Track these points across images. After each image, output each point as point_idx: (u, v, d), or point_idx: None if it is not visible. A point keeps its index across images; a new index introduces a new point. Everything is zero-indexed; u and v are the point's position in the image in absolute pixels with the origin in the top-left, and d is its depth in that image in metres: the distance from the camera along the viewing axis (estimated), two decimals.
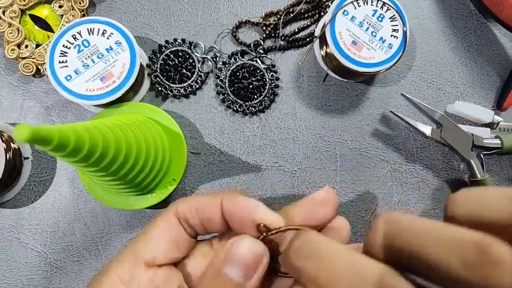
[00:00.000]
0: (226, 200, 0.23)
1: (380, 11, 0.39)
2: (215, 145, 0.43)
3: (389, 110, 0.44)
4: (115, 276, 0.22)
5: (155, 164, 0.36)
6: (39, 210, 0.42)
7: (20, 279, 0.41)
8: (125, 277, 0.22)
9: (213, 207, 0.23)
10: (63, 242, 0.41)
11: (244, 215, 0.22)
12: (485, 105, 0.45)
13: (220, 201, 0.23)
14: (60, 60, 0.38)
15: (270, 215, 0.22)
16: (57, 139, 0.23)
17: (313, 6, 0.44)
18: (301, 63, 0.44)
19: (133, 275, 0.22)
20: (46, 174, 0.42)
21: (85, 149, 0.26)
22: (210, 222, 0.23)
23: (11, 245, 0.41)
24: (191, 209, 0.23)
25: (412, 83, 0.45)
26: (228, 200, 0.23)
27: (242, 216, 0.22)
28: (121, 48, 0.39)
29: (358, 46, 0.39)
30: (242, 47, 0.44)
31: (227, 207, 0.22)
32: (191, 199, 0.24)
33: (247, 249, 0.21)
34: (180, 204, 0.24)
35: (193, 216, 0.23)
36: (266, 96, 0.43)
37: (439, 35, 0.45)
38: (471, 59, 0.45)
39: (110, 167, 0.30)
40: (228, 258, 0.21)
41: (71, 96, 0.38)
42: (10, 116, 0.42)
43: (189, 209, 0.23)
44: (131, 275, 0.22)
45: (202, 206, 0.23)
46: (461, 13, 0.46)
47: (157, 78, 0.42)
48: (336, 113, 0.44)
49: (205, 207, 0.23)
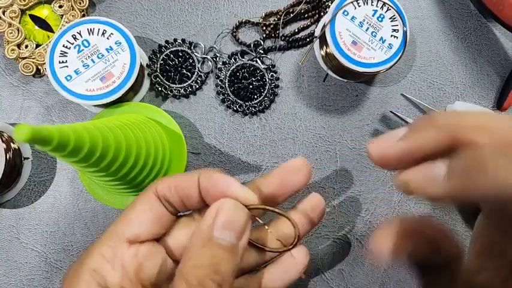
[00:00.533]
0: (202, 177, 0.23)
1: (380, 11, 0.39)
2: (215, 145, 0.43)
3: (389, 110, 0.44)
4: (98, 255, 0.23)
5: (155, 164, 0.36)
6: (39, 211, 0.42)
7: (20, 279, 0.41)
8: (108, 255, 0.23)
9: (190, 184, 0.23)
10: (63, 242, 0.41)
11: (218, 191, 0.22)
12: (485, 106, 0.45)
13: (197, 178, 0.23)
14: (60, 60, 0.38)
15: (243, 191, 0.22)
16: (57, 139, 0.23)
17: (313, 6, 0.44)
18: (301, 63, 0.44)
19: (116, 253, 0.23)
20: (46, 174, 0.42)
21: (85, 149, 0.26)
22: (189, 198, 0.24)
23: (11, 245, 0.41)
24: (170, 187, 0.24)
25: (412, 83, 0.45)
26: (204, 177, 0.23)
27: (217, 192, 0.22)
28: (121, 48, 0.39)
29: (358, 46, 0.39)
30: (242, 47, 0.44)
31: (203, 183, 0.23)
32: (169, 178, 0.24)
33: (235, 209, 0.22)
34: (159, 183, 0.24)
35: (172, 194, 0.24)
36: (266, 96, 0.43)
37: (439, 35, 0.45)
38: (471, 59, 0.45)
39: (110, 167, 0.30)
40: (218, 222, 0.21)
41: (71, 96, 0.38)
42: (10, 116, 0.42)
43: (168, 187, 0.24)
44: (114, 252, 0.23)
45: (181, 183, 0.24)
46: (461, 13, 0.46)
47: (157, 78, 0.42)
48: (336, 113, 0.44)
49: (183, 184, 0.24)
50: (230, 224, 0.21)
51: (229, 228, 0.21)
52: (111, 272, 0.22)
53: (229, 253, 0.21)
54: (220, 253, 0.21)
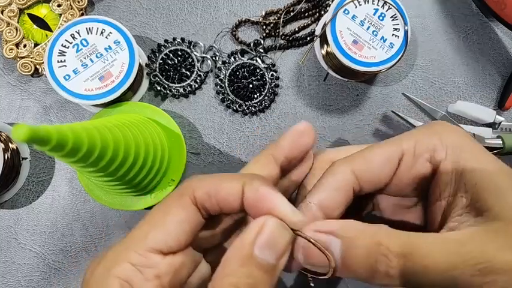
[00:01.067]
0: (248, 188, 0.21)
1: (381, 9, 0.39)
2: (215, 145, 0.43)
3: (390, 110, 0.44)
4: (127, 263, 0.21)
5: (154, 164, 0.35)
6: (38, 211, 0.41)
7: (18, 280, 0.41)
8: (139, 264, 0.21)
9: (234, 193, 0.22)
10: (62, 243, 0.41)
11: (265, 208, 0.21)
12: (487, 105, 0.45)
13: (241, 187, 0.22)
14: (59, 59, 0.38)
15: (292, 213, 0.21)
16: (55, 139, 0.22)
17: (313, 5, 0.44)
18: (301, 63, 0.44)
19: (148, 262, 0.21)
20: (44, 174, 0.42)
21: (83, 149, 0.26)
22: (228, 207, 0.22)
23: (9, 245, 0.41)
24: (210, 195, 0.22)
25: (413, 83, 0.44)
26: (250, 189, 0.21)
27: (263, 208, 0.21)
28: (120, 47, 0.38)
29: (359, 45, 0.39)
30: (242, 46, 0.43)
31: (248, 195, 0.21)
32: (209, 182, 0.22)
33: (279, 229, 0.21)
34: (198, 188, 0.22)
35: (212, 203, 0.22)
36: (266, 95, 0.43)
37: (440, 34, 0.45)
38: (473, 58, 0.45)
39: (108, 167, 0.30)
40: (261, 240, 0.20)
41: (69, 96, 0.38)
42: (8, 116, 0.42)
43: (207, 195, 0.22)
44: (146, 261, 0.21)
45: (222, 191, 0.22)
46: (463, 12, 0.46)
47: (156, 78, 0.42)
48: (336, 112, 0.44)
49: (225, 193, 0.22)
50: (273, 244, 0.20)
51: (271, 248, 0.20)
52: (145, 283, 0.20)
53: (267, 274, 0.20)
54: (259, 274, 0.20)
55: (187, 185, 0.22)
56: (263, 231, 0.20)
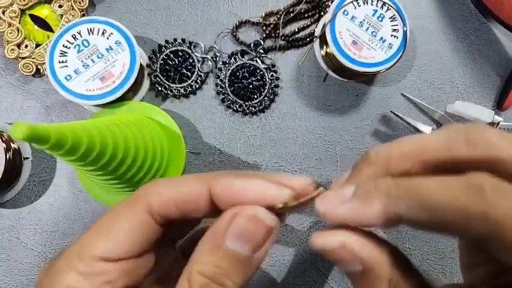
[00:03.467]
0: (216, 186, 0.19)
1: (380, 10, 0.39)
2: (215, 145, 0.43)
3: (389, 110, 0.44)
4: (74, 272, 0.19)
5: (153, 163, 0.36)
6: (39, 210, 0.42)
7: (20, 279, 0.41)
8: (87, 272, 0.19)
9: (198, 198, 0.20)
10: (63, 242, 0.41)
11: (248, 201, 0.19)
12: (485, 105, 0.45)
13: (207, 189, 0.20)
14: (60, 60, 0.38)
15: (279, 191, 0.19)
16: (54, 137, 0.23)
17: (313, 6, 0.44)
18: (301, 63, 0.44)
19: (96, 269, 0.19)
20: (46, 174, 0.42)
21: (82, 148, 0.26)
22: (194, 212, 0.20)
23: (10, 245, 0.41)
24: (168, 204, 0.20)
25: (412, 83, 0.45)
26: (220, 187, 0.19)
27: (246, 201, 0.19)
28: (121, 48, 0.39)
29: (358, 46, 0.39)
30: (242, 46, 0.44)
31: (221, 194, 0.19)
32: (166, 190, 0.20)
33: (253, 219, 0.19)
34: (153, 197, 0.20)
35: (171, 211, 0.20)
36: (266, 96, 0.43)
37: (439, 35, 0.45)
38: (471, 58, 0.45)
39: (107, 166, 0.30)
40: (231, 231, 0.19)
41: (70, 96, 0.38)
42: (10, 116, 0.42)
43: (165, 205, 0.20)
44: (94, 269, 0.19)
45: (184, 198, 0.20)
46: (462, 13, 0.46)
47: (157, 78, 0.42)
48: (336, 113, 0.44)
49: (187, 199, 0.20)
50: (247, 235, 0.19)
51: (245, 239, 0.19)
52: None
53: (240, 265, 0.19)
54: (229, 264, 0.18)
55: (142, 193, 0.20)
56: (235, 221, 0.19)
